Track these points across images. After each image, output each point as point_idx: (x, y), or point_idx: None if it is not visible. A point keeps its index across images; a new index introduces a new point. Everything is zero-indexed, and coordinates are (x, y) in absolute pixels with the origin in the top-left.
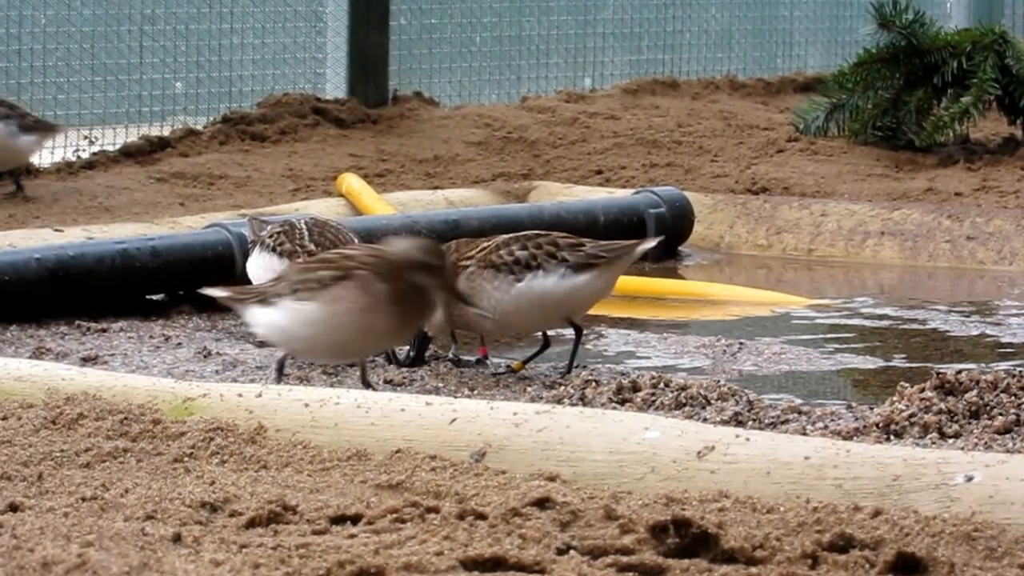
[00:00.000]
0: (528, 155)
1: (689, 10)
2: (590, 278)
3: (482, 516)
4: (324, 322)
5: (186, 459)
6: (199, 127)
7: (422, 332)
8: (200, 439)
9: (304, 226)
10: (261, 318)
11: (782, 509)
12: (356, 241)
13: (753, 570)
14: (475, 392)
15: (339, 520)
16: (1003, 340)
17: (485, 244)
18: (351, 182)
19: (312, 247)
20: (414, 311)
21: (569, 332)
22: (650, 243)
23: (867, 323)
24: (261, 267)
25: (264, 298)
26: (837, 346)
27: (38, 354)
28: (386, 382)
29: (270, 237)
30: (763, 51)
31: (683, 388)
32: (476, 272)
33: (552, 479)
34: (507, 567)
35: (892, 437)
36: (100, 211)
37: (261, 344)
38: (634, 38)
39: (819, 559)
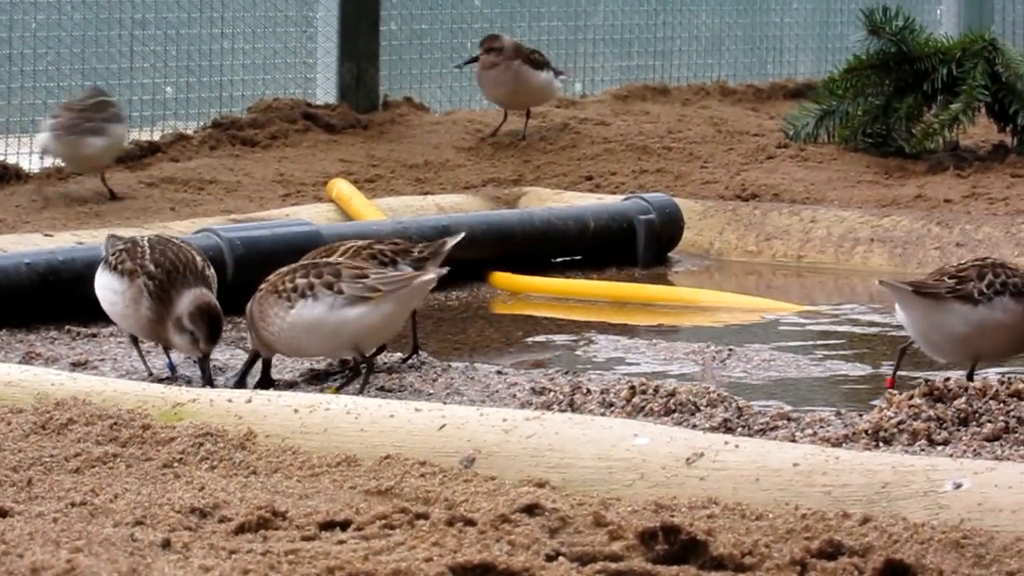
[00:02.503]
0: (518, 161)
1: (679, 16)
2: (364, 310)
3: (471, 522)
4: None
5: (175, 464)
6: (189, 132)
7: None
8: (189, 444)
9: (147, 244)
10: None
11: (771, 516)
12: (198, 258)
13: None
14: (464, 398)
15: (328, 526)
16: None
17: (284, 269)
18: (341, 187)
19: (152, 267)
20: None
21: (560, 338)
22: (429, 275)
23: (856, 330)
24: (103, 287)
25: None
26: (826, 353)
27: (28, 359)
28: (377, 389)
29: (113, 255)
30: (753, 57)
31: (672, 394)
32: (264, 296)
33: (541, 485)
34: (496, 573)
35: (881, 444)
36: (90, 216)
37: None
38: (624, 44)
39: (808, 566)
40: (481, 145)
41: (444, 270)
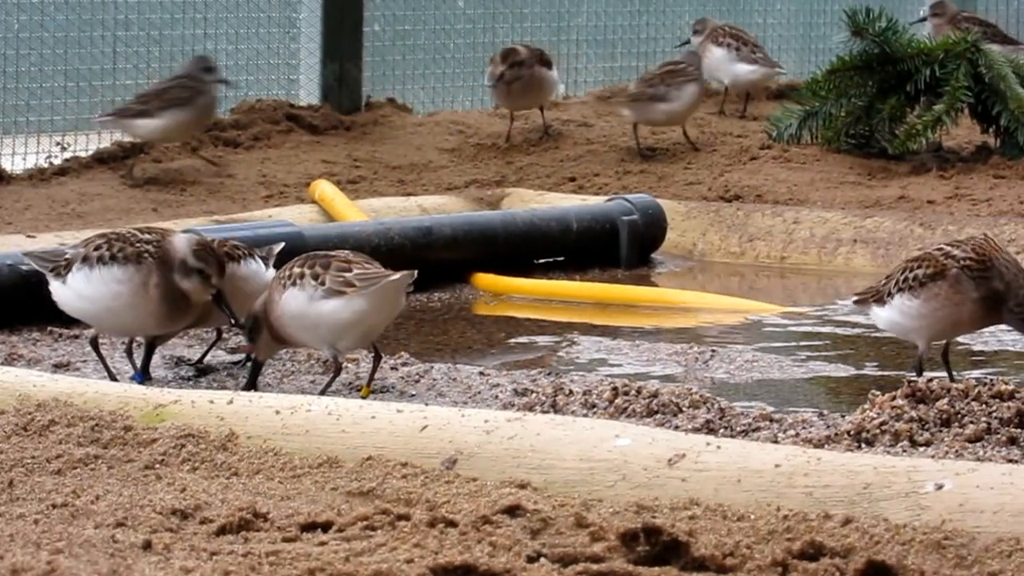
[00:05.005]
0: (501, 162)
1: (663, 17)
2: (338, 304)
3: (452, 524)
4: (926, 316)
5: (157, 466)
6: None
7: (256, 360)
8: (171, 446)
9: (122, 231)
10: (882, 315)
11: (752, 517)
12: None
13: None
14: (446, 399)
15: (310, 527)
16: (975, 348)
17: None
18: (324, 189)
19: (151, 247)
20: (994, 310)
21: (543, 339)
22: (397, 275)
23: (839, 331)
24: (103, 282)
25: (880, 297)
26: (809, 354)
27: (10, 360)
28: (357, 389)
29: (100, 249)
30: None
31: (654, 395)
32: (273, 283)
33: (523, 487)
34: (477, 575)
35: (863, 445)
36: (73, 217)
37: (233, 351)
38: (608, 45)
39: (789, 567)
40: (464, 146)
41: (415, 272)
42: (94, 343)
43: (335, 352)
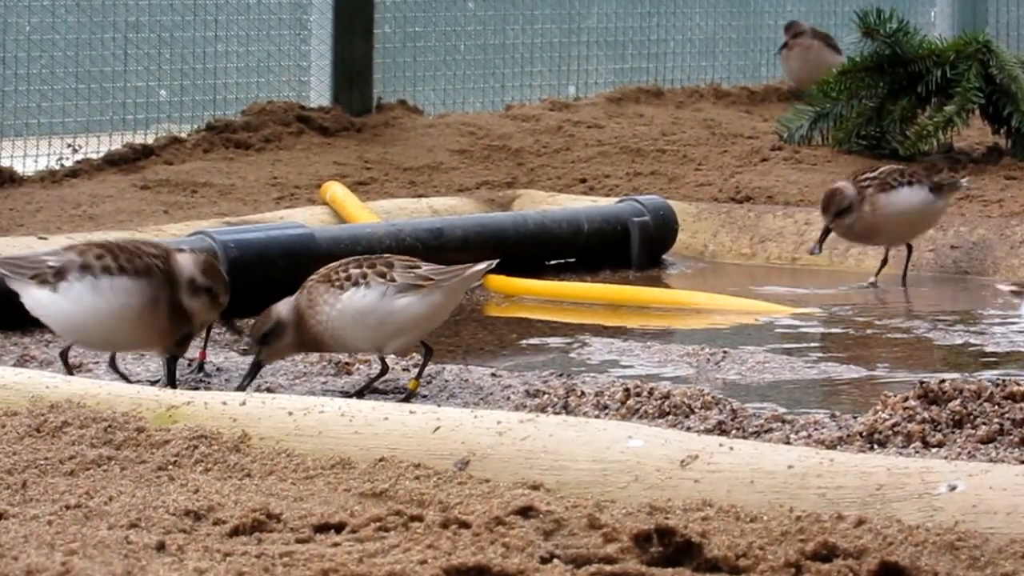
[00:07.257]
0: (512, 163)
1: (673, 18)
2: (413, 299)
3: (466, 525)
4: None
5: (170, 467)
6: (183, 135)
7: (256, 360)
8: (184, 447)
9: (117, 242)
10: None
11: (765, 518)
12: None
13: None
14: (458, 400)
15: (323, 528)
16: (987, 349)
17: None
18: (335, 190)
19: (157, 261)
20: None
21: (555, 340)
22: (481, 266)
23: (850, 332)
24: (114, 293)
25: None
26: (820, 355)
27: (22, 362)
28: (370, 392)
29: (103, 259)
30: (747, 59)
31: (666, 397)
32: (314, 286)
33: (536, 488)
34: None
35: (875, 446)
36: (84, 219)
37: (244, 352)
38: (618, 46)
39: (802, 568)
40: (475, 148)
41: (494, 262)
42: (112, 362)
43: (382, 353)
